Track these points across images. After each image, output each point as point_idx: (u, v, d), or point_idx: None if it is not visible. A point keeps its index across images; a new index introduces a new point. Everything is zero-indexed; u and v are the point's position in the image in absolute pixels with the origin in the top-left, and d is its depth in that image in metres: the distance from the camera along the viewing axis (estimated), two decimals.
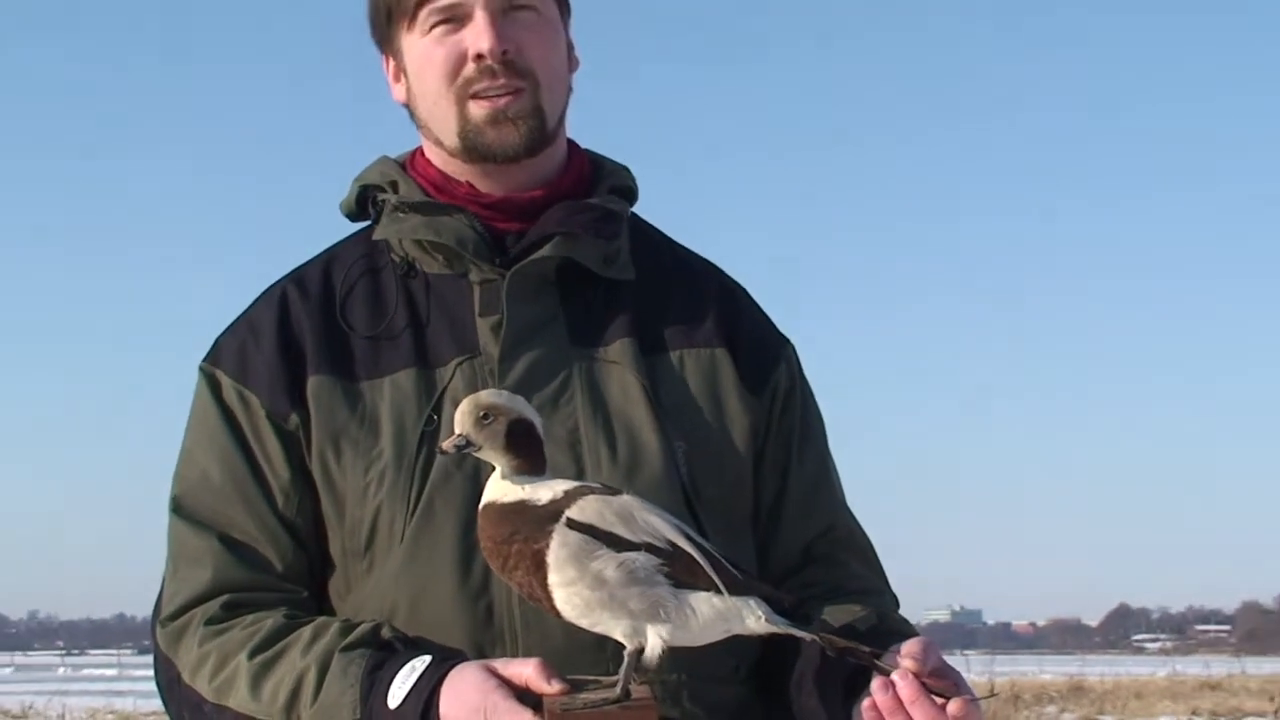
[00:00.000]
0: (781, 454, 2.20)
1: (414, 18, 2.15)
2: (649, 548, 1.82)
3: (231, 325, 2.20)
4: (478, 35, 2.10)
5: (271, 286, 2.22)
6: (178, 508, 2.13)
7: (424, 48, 2.15)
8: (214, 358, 2.18)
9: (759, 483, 2.18)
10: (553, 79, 2.17)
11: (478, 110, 2.13)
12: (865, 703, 1.86)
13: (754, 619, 1.84)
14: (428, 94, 2.17)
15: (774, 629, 1.85)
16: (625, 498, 1.87)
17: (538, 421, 1.90)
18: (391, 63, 2.24)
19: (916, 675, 1.83)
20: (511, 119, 2.13)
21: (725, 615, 1.84)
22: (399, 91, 2.24)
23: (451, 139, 2.16)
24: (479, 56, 2.11)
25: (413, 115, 2.23)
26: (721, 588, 1.82)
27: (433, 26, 2.13)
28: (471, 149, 2.14)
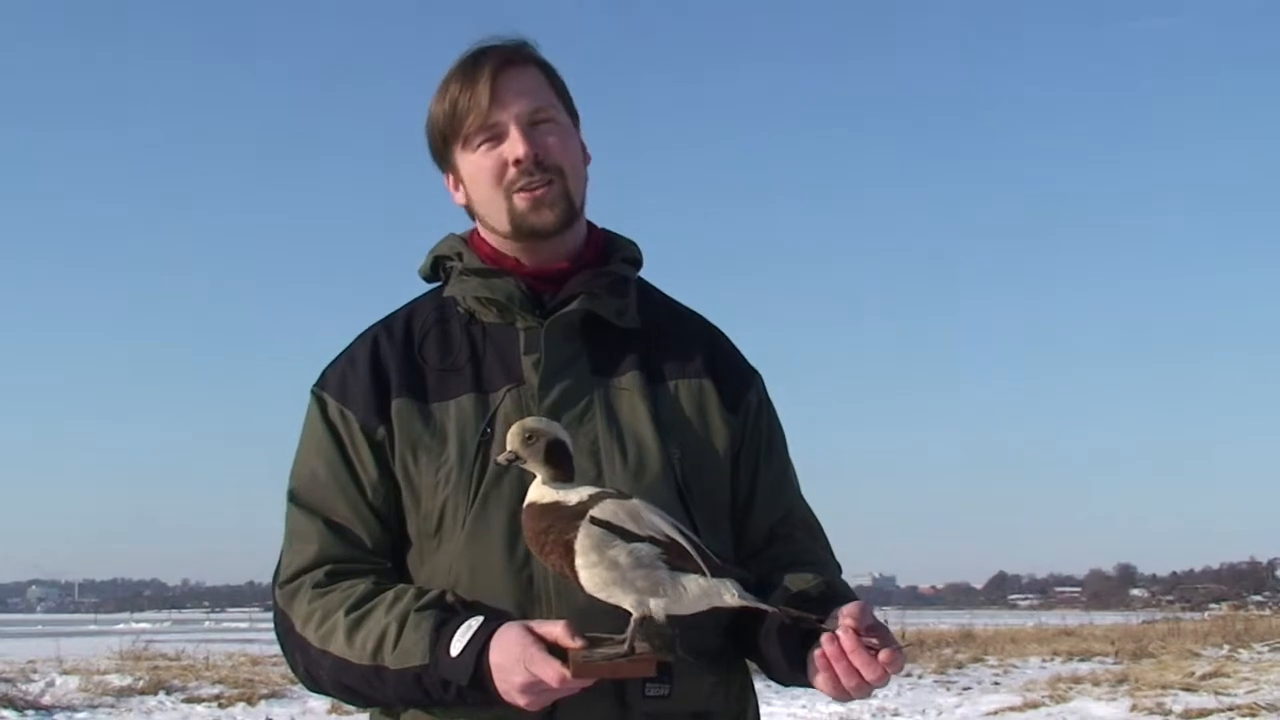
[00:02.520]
0: (752, 459, 2.18)
1: (465, 140, 2.15)
2: (651, 540, 1.83)
3: (335, 359, 2.19)
4: (514, 145, 2.11)
5: (366, 330, 2.21)
6: (293, 497, 2.12)
7: (475, 160, 2.15)
8: (322, 383, 2.17)
9: (735, 481, 2.17)
10: (574, 170, 2.17)
11: (521, 202, 2.12)
12: (816, 652, 1.87)
13: (730, 595, 1.85)
14: (482, 195, 2.16)
15: (745, 603, 1.86)
16: (634, 501, 1.87)
17: (569, 441, 1.90)
18: (450, 176, 2.23)
19: (855, 631, 1.85)
20: (548, 205, 2.12)
21: (708, 592, 1.85)
22: (459, 197, 2.23)
23: (504, 226, 2.15)
24: (517, 161, 2.11)
25: (470, 213, 2.23)
26: (706, 571, 1.84)
27: (479, 144, 2.14)
28: (520, 231, 2.14)
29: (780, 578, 2.05)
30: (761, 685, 2.23)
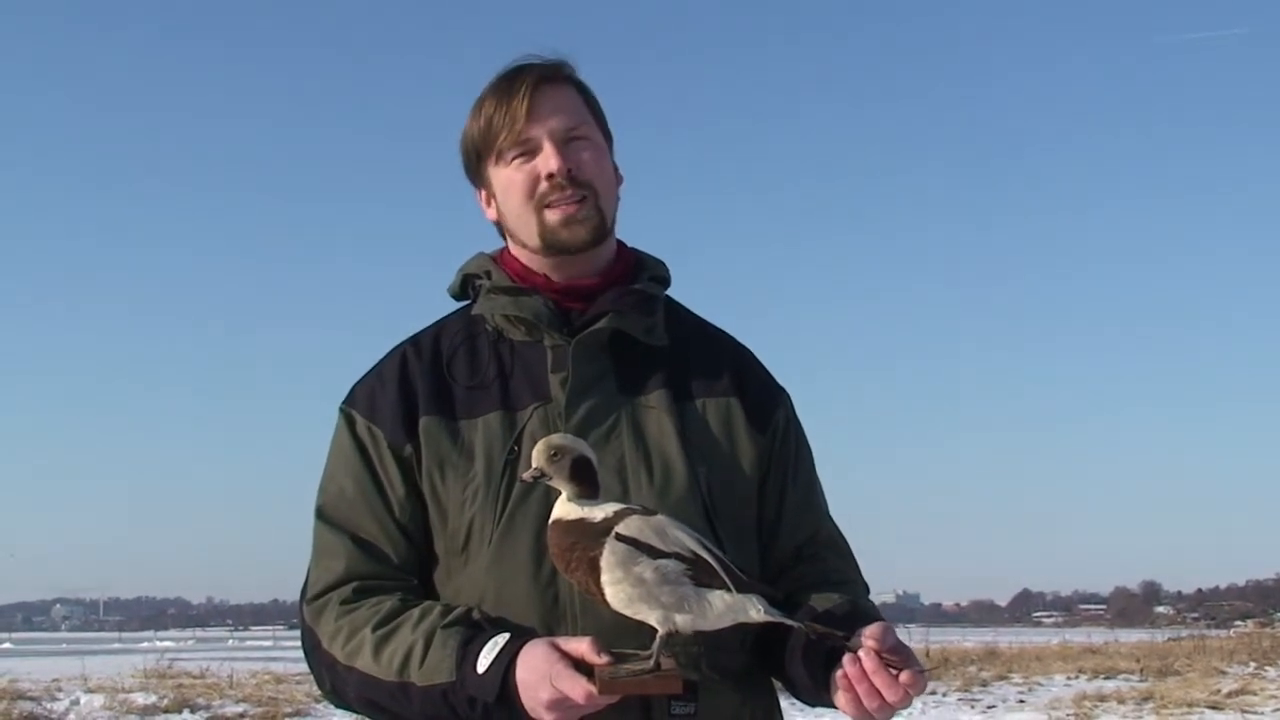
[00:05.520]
0: (779, 478, 2.18)
1: (499, 154, 2.15)
2: (677, 556, 1.82)
3: (364, 376, 2.20)
4: (547, 159, 2.12)
5: (395, 348, 2.21)
6: (320, 514, 2.12)
7: (507, 175, 2.16)
8: (350, 401, 2.17)
9: (762, 500, 2.16)
10: (606, 187, 2.17)
11: (553, 217, 2.13)
12: (839, 673, 1.86)
13: (755, 611, 1.84)
14: (513, 209, 2.17)
15: (770, 619, 1.85)
16: (659, 517, 1.87)
17: (594, 458, 1.90)
18: (482, 192, 2.24)
19: (877, 652, 1.84)
20: (580, 221, 2.13)
21: (734, 608, 1.84)
22: (490, 213, 2.24)
23: (534, 241, 2.15)
24: (550, 175, 2.11)
25: (501, 229, 2.24)
26: (731, 587, 1.83)
27: (513, 159, 2.14)
28: (550, 246, 2.14)
29: (806, 597, 2.04)
30: (786, 704, 2.22)
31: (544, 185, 2.12)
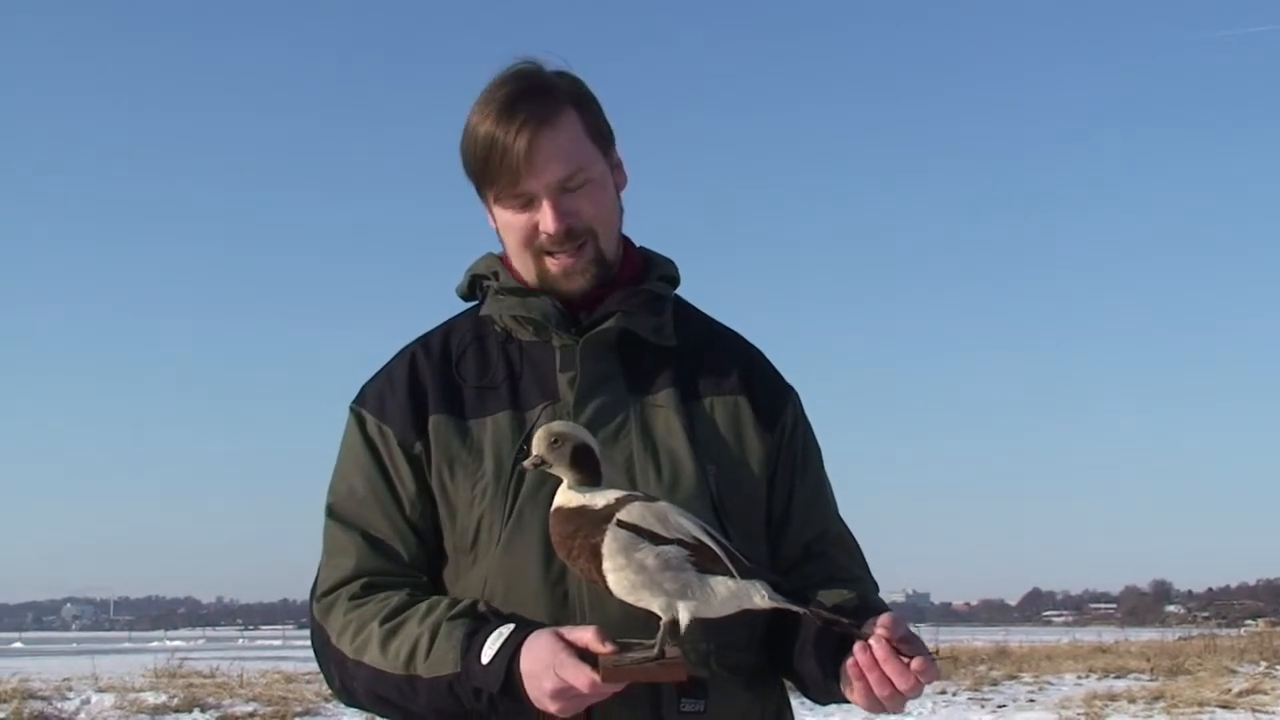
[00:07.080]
0: (787, 476, 2.19)
1: (498, 195, 2.14)
2: (679, 542, 1.83)
3: (374, 376, 2.21)
4: (544, 218, 2.10)
5: (405, 348, 2.23)
6: (331, 512, 2.14)
7: (506, 217, 2.14)
8: (361, 400, 2.19)
9: (770, 498, 2.17)
10: (607, 224, 2.16)
11: (552, 265, 2.13)
12: (849, 661, 1.87)
13: (759, 597, 1.85)
14: (512, 248, 2.17)
15: (775, 605, 1.85)
16: (662, 503, 1.88)
17: (595, 445, 1.91)
18: (486, 205, 2.22)
19: (888, 640, 1.84)
20: (579, 271, 2.13)
21: (737, 594, 1.84)
22: (493, 221, 2.22)
23: (533, 280, 2.16)
24: (548, 234, 2.10)
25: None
26: (734, 573, 1.84)
27: (510, 204, 2.12)
28: (549, 291, 2.15)
29: (815, 594, 2.04)
30: (796, 703, 2.23)
31: (542, 238, 2.11)
